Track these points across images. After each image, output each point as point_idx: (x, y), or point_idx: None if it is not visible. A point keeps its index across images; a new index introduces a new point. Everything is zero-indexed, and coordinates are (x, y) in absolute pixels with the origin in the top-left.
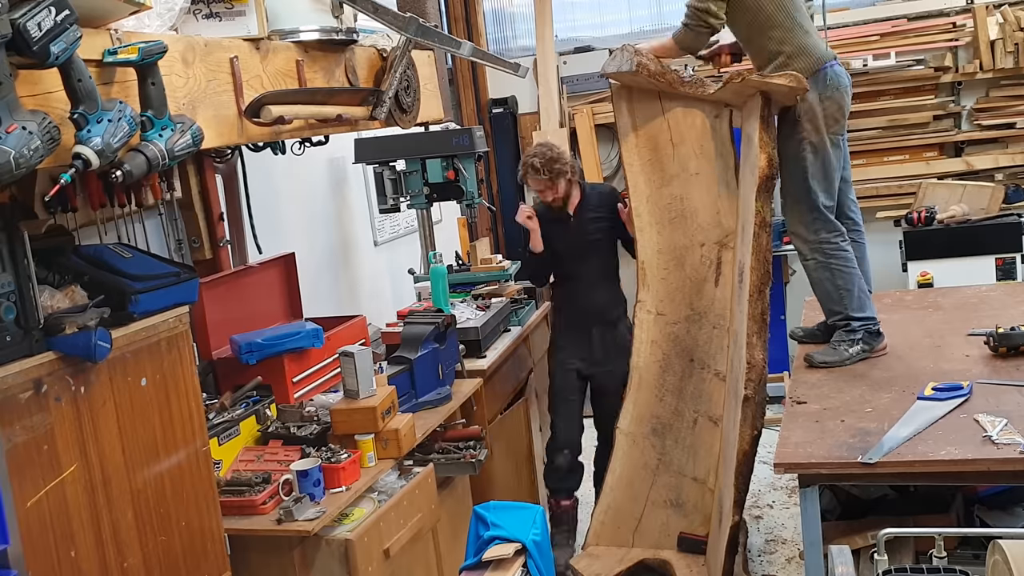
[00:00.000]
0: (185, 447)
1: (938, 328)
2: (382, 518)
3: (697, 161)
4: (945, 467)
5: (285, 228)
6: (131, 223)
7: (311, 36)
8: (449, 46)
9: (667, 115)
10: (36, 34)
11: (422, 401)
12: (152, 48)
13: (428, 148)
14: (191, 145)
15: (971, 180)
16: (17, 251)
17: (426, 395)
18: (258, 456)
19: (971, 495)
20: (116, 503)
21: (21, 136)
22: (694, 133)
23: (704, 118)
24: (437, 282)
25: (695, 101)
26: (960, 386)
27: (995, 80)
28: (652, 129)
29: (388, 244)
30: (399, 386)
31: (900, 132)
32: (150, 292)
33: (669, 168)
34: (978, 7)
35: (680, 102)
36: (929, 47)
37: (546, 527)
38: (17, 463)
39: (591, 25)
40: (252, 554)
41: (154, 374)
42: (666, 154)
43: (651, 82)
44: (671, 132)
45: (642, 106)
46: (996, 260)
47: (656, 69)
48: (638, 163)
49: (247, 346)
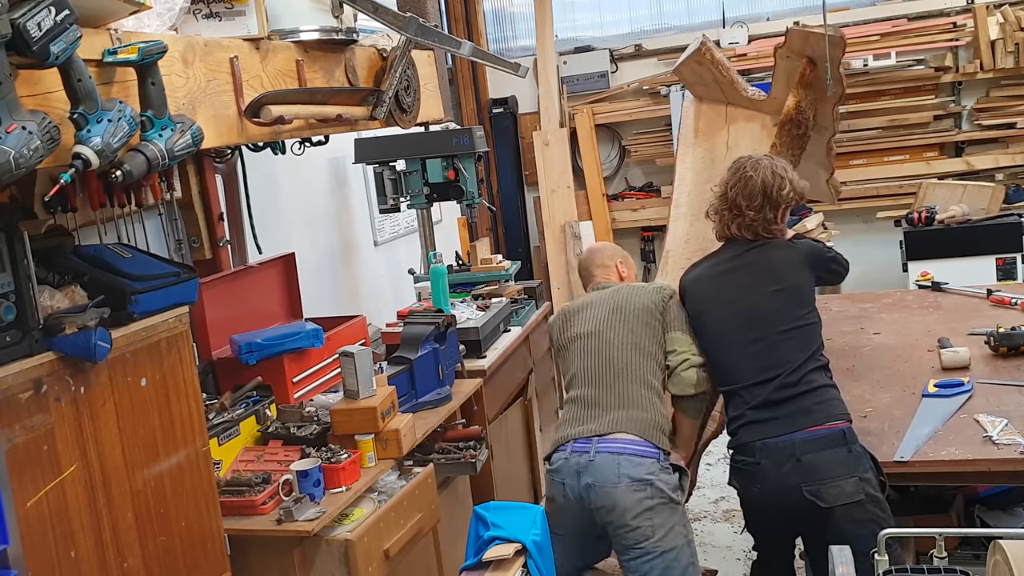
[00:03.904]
0: (185, 447)
1: (938, 328)
2: (382, 518)
3: None
4: (945, 467)
5: (285, 228)
6: (131, 223)
7: (311, 36)
8: (449, 46)
9: (729, 124)
10: (36, 34)
11: (422, 401)
12: (152, 48)
13: (428, 148)
14: (191, 145)
15: (971, 180)
16: (17, 251)
17: (426, 395)
18: (258, 456)
19: (971, 495)
20: (116, 503)
21: (21, 136)
22: (751, 137)
23: (762, 127)
24: (437, 282)
25: (756, 111)
26: (961, 382)
27: (995, 80)
28: (713, 133)
29: (388, 244)
30: (399, 386)
31: (900, 132)
32: (150, 292)
33: (719, 167)
34: (978, 7)
35: (744, 111)
36: (929, 47)
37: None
38: (17, 463)
39: (591, 25)
40: (252, 554)
41: (154, 374)
42: (719, 155)
43: (712, 72)
44: (729, 137)
45: (709, 113)
46: (996, 260)
47: (719, 58)
48: (691, 160)
49: (247, 346)
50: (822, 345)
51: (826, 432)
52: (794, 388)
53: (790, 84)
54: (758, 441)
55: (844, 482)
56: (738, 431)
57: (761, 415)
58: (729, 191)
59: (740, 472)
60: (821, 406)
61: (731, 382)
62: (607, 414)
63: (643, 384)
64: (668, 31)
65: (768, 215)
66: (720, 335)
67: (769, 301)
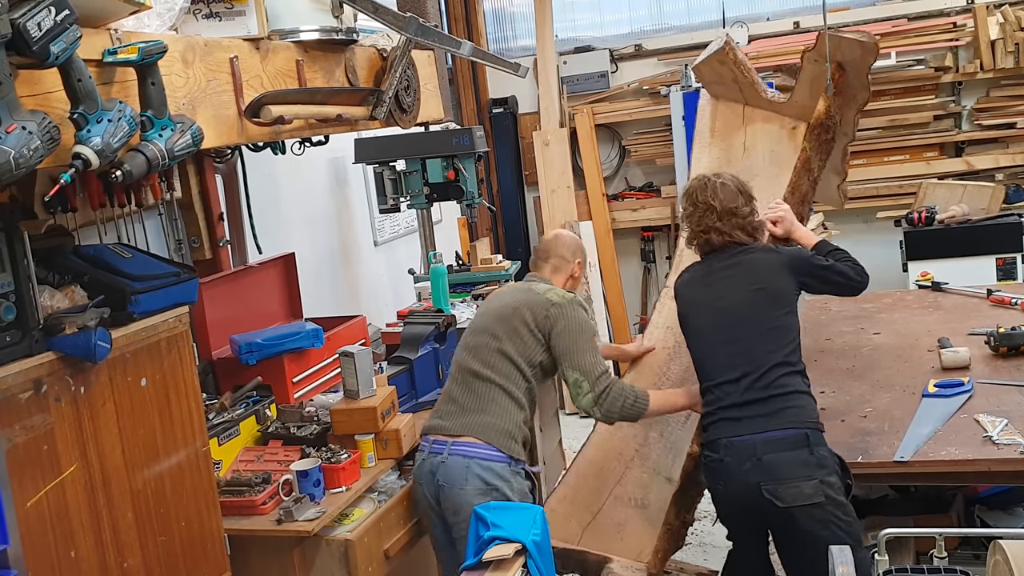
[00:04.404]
0: (185, 447)
1: (938, 328)
2: (382, 518)
3: (764, 165)
4: (946, 467)
5: (285, 228)
6: (131, 223)
7: (311, 36)
8: (449, 46)
9: (746, 124)
10: (36, 34)
11: (422, 401)
12: (152, 48)
13: (428, 148)
14: (191, 145)
15: (971, 180)
16: (17, 251)
17: (426, 395)
18: (258, 456)
19: (971, 495)
20: (116, 503)
21: (21, 136)
22: (769, 139)
23: (781, 128)
24: (437, 282)
25: (775, 113)
26: (961, 382)
27: (995, 80)
28: (730, 133)
29: (388, 244)
30: (399, 386)
31: (900, 132)
32: (150, 292)
33: (735, 168)
34: (978, 7)
35: (761, 112)
36: (929, 47)
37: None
38: (17, 463)
39: (591, 25)
40: (252, 554)
41: (154, 374)
42: (736, 156)
43: (733, 72)
44: (746, 138)
45: (725, 114)
46: (996, 260)
47: (741, 58)
48: (707, 160)
49: (247, 346)
50: (798, 348)
51: (789, 433)
52: (765, 391)
53: (814, 88)
54: (724, 439)
55: (804, 483)
56: (708, 428)
57: (730, 414)
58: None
59: (707, 468)
60: (790, 410)
61: (706, 379)
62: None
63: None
64: (668, 31)
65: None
66: (700, 334)
67: (747, 300)
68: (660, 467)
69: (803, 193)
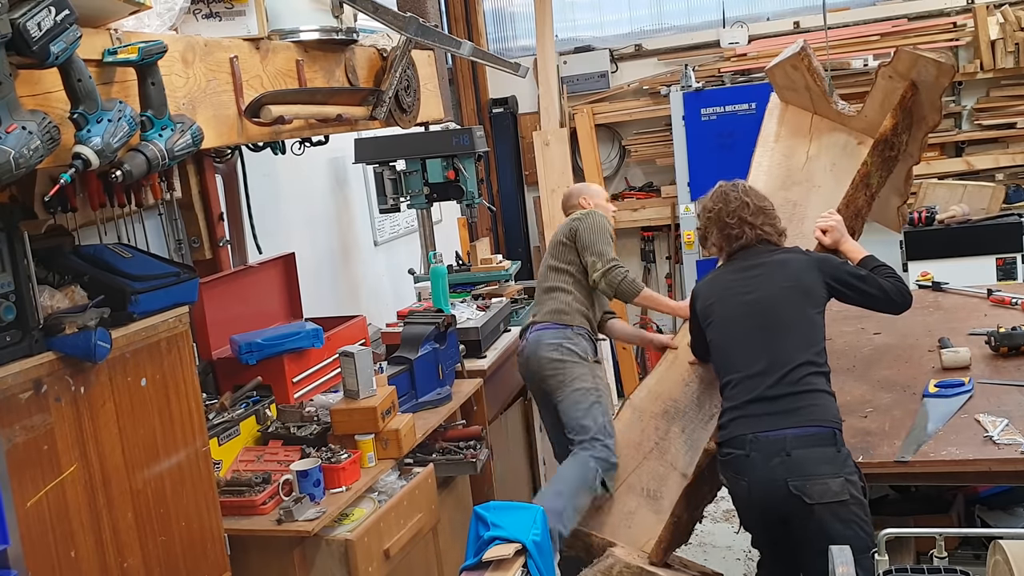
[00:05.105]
0: (185, 447)
1: (938, 328)
2: (382, 518)
3: (824, 176)
4: (946, 467)
5: (285, 228)
6: (131, 223)
7: (311, 36)
8: (449, 46)
9: (813, 133)
10: (36, 34)
11: (422, 401)
12: (152, 48)
13: (428, 148)
14: (191, 145)
15: (971, 180)
16: (17, 251)
17: (426, 395)
18: (258, 456)
19: (972, 495)
20: (116, 503)
21: (21, 136)
22: (833, 151)
23: (848, 140)
24: (437, 282)
25: (843, 126)
26: (962, 382)
27: (995, 80)
28: (793, 140)
29: (388, 244)
30: (399, 386)
31: None
32: (150, 292)
33: (795, 176)
34: (978, 7)
35: (828, 123)
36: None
37: (546, 527)
38: (17, 463)
39: (591, 25)
40: (252, 554)
41: (154, 374)
42: (797, 163)
43: (806, 79)
44: (810, 147)
45: (793, 120)
46: (996, 260)
47: (815, 65)
48: (767, 164)
49: (247, 346)
50: (825, 350)
51: (817, 430)
52: (791, 387)
53: (885, 104)
54: (749, 434)
55: (831, 480)
56: (729, 424)
57: (755, 410)
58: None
59: (729, 464)
60: (816, 408)
61: (728, 371)
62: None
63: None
64: (668, 31)
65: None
66: (726, 324)
67: (779, 294)
68: (677, 462)
69: (858, 207)
